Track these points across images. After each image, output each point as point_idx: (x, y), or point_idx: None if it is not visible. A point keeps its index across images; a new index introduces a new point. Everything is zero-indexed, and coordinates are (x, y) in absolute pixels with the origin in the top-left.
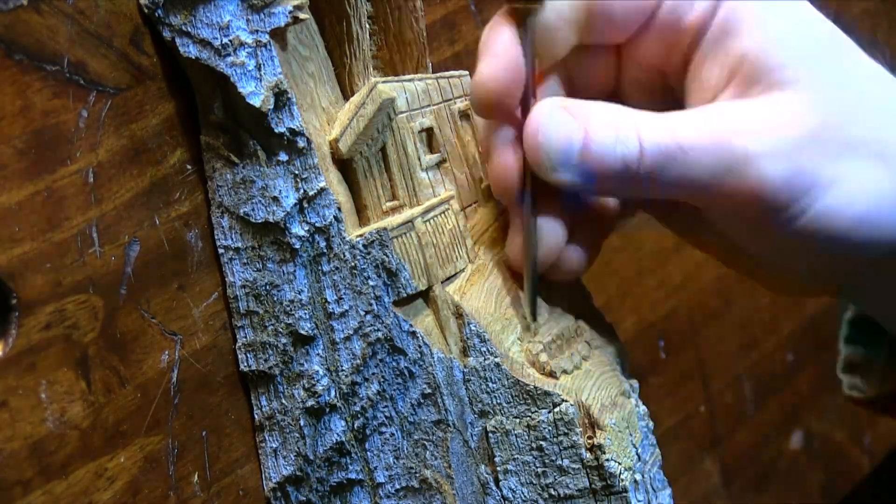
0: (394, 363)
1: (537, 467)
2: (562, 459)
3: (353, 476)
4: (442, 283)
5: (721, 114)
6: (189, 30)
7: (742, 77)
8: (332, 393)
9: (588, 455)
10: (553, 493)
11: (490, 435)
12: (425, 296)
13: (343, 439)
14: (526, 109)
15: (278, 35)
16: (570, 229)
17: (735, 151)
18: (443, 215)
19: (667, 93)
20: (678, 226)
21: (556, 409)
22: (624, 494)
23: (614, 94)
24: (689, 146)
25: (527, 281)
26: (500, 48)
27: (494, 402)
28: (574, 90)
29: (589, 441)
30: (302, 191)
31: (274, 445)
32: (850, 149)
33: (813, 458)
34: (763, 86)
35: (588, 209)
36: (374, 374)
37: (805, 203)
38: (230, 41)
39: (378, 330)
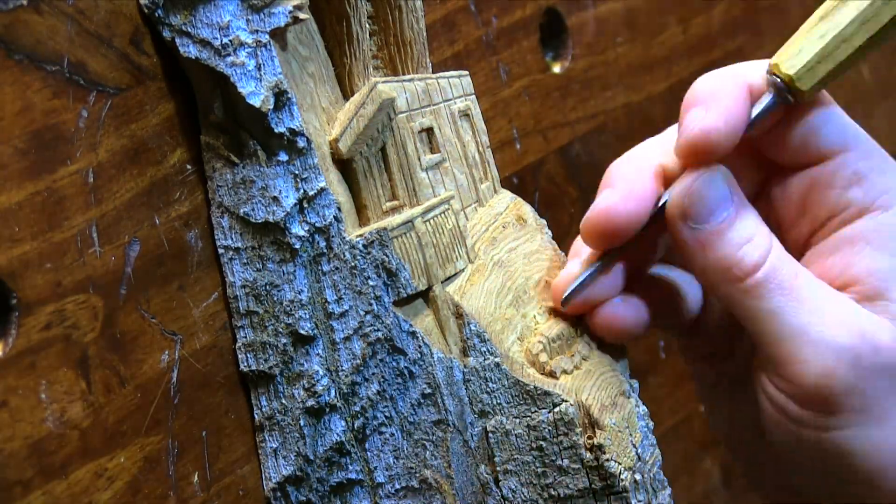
0: (394, 363)
1: (537, 467)
2: (562, 459)
3: (353, 476)
4: (442, 283)
5: (837, 298)
6: (189, 30)
7: (864, 290)
8: (332, 393)
9: (588, 455)
10: (553, 493)
11: (490, 435)
12: (425, 296)
13: (343, 439)
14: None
15: (278, 35)
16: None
17: (827, 331)
18: (443, 215)
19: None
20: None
21: (556, 409)
22: (624, 494)
23: None
24: (799, 296)
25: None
26: (737, 98)
27: (494, 402)
28: None
29: (589, 441)
30: (302, 191)
31: (274, 445)
32: None
33: None
34: (877, 308)
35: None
36: (374, 374)
37: (850, 420)
38: (230, 41)
39: (378, 330)
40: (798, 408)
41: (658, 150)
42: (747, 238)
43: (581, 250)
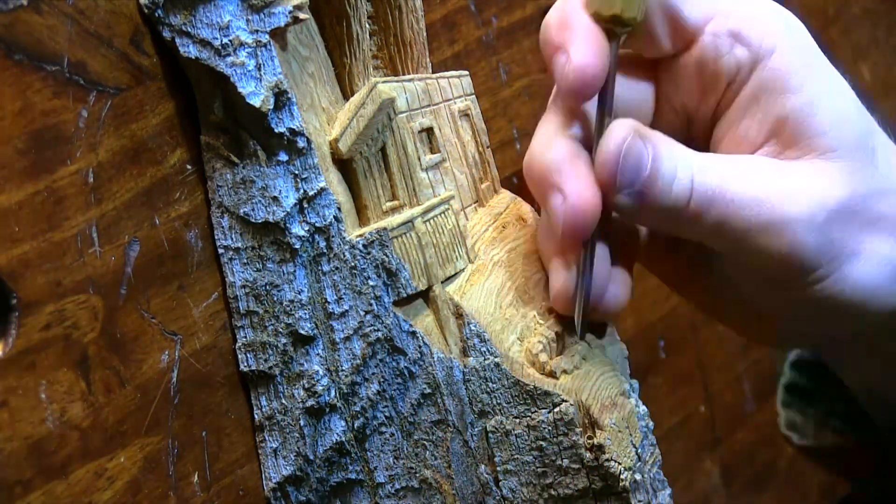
0: (394, 363)
1: (537, 467)
2: (562, 459)
3: (353, 476)
4: (442, 283)
5: (766, 170)
6: (189, 30)
7: (783, 137)
8: (332, 393)
9: (588, 455)
10: (553, 493)
11: (490, 435)
12: (425, 296)
13: (343, 439)
14: (601, 121)
15: (278, 35)
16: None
17: (774, 211)
18: (443, 215)
19: (689, 138)
20: (672, 276)
21: (556, 409)
22: (624, 495)
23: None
24: (734, 197)
25: (579, 305)
26: (592, 38)
27: (494, 402)
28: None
29: (589, 441)
30: (302, 191)
31: (274, 445)
32: (873, 223)
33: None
34: (802, 149)
35: (624, 248)
36: (374, 374)
37: (828, 270)
38: (230, 41)
39: (378, 330)
40: (778, 282)
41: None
42: (671, 176)
43: (557, 245)
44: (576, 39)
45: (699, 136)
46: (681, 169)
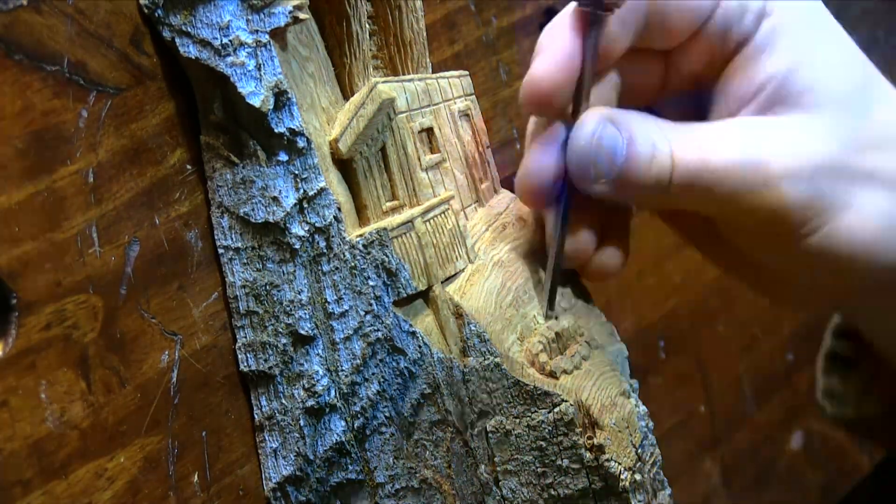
0: (394, 363)
1: (537, 467)
2: (562, 459)
3: (352, 476)
4: (442, 283)
5: (746, 132)
6: (189, 30)
7: (767, 95)
8: (332, 393)
9: (588, 455)
10: (553, 493)
11: (490, 435)
12: (425, 296)
13: (343, 439)
14: (577, 112)
15: (278, 35)
16: (603, 231)
17: (758, 172)
18: (443, 215)
19: (699, 104)
20: (690, 234)
21: (556, 409)
22: (624, 495)
23: (652, 103)
24: (716, 166)
25: (548, 278)
26: (558, 46)
27: (494, 402)
28: (620, 95)
29: (589, 441)
30: (302, 191)
31: (274, 445)
32: (865, 176)
33: (813, 458)
34: (787, 106)
35: (616, 210)
36: (374, 374)
37: (819, 223)
38: (230, 41)
39: (378, 330)
40: (771, 239)
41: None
42: (648, 157)
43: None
44: (544, 49)
45: (704, 106)
46: (659, 146)
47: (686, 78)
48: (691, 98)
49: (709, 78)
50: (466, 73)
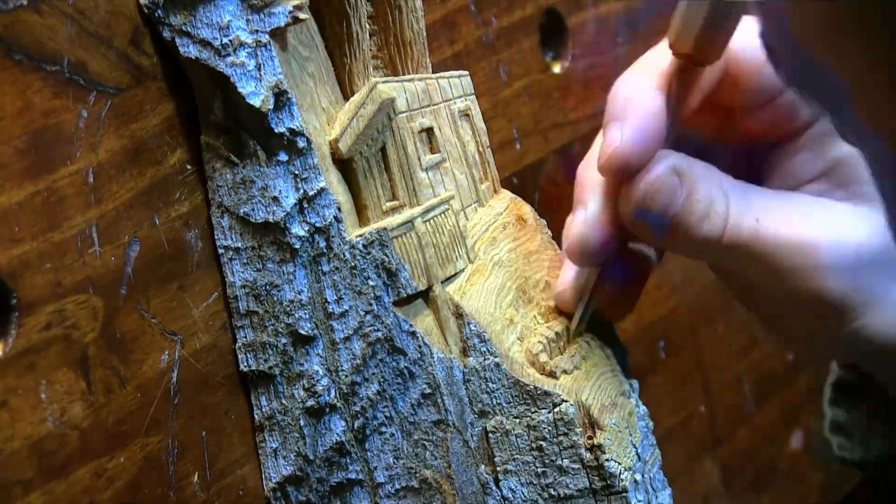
0: (394, 363)
1: (537, 467)
2: (562, 459)
3: (353, 476)
4: (442, 283)
5: (805, 211)
6: (189, 30)
7: (834, 178)
8: (332, 393)
9: (588, 455)
10: (553, 493)
11: (490, 435)
12: (425, 296)
13: (343, 439)
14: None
15: (278, 35)
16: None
17: (807, 255)
18: (443, 215)
19: (750, 163)
20: (728, 282)
21: (556, 409)
22: (624, 494)
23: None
24: (768, 239)
25: (581, 312)
26: (645, 110)
27: (494, 402)
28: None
29: (589, 441)
30: (302, 191)
31: (274, 445)
32: None
33: (813, 458)
34: (850, 193)
35: (639, 265)
36: (374, 374)
37: (856, 315)
38: (230, 41)
39: (378, 330)
40: (809, 319)
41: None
42: (704, 213)
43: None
44: (628, 114)
45: (757, 161)
46: (716, 206)
47: (743, 135)
48: (744, 154)
49: (767, 141)
50: (466, 73)
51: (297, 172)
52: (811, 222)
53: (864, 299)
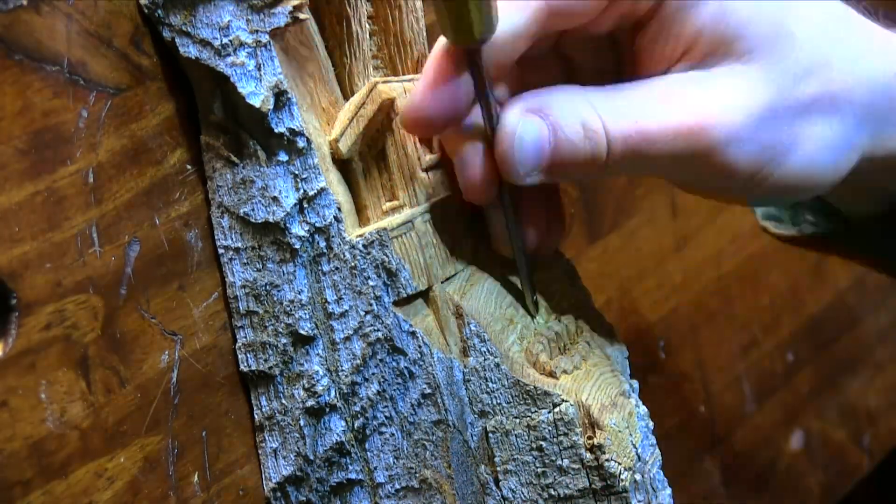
0: (394, 363)
1: (537, 467)
2: (562, 459)
3: (353, 476)
4: (442, 283)
5: (682, 92)
6: (189, 30)
7: (699, 49)
8: (332, 393)
9: (588, 455)
10: (553, 493)
11: (490, 435)
12: (425, 296)
13: (343, 439)
14: (491, 120)
15: (278, 35)
16: (538, 206)
17: (700, 139)
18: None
19: (615, 62)
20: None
21: (556, 409)
22: (624, 494)
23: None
24: (655, 136)
25: (523, 275)
26: (436, 75)
27: (494, 402)
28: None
29: (589, 441)
30: (302, 191)
31: (274, 445)
32: (804, 110)
33: (813, 458)
34: (719, 57)
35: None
36: (374, 374)
37: (768, 172)
38: (230, 41)
39: (378, 330)
40: (726, 190)
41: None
42: (580, 136)
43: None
44: (423, 77)
45: (625, 46)
46: (589, 124)
47: (597, 40)
48: (608, 57)
49: (623, 37)
50: None
51: (297, 172)
52: (692, 102)
53: (773, 154)
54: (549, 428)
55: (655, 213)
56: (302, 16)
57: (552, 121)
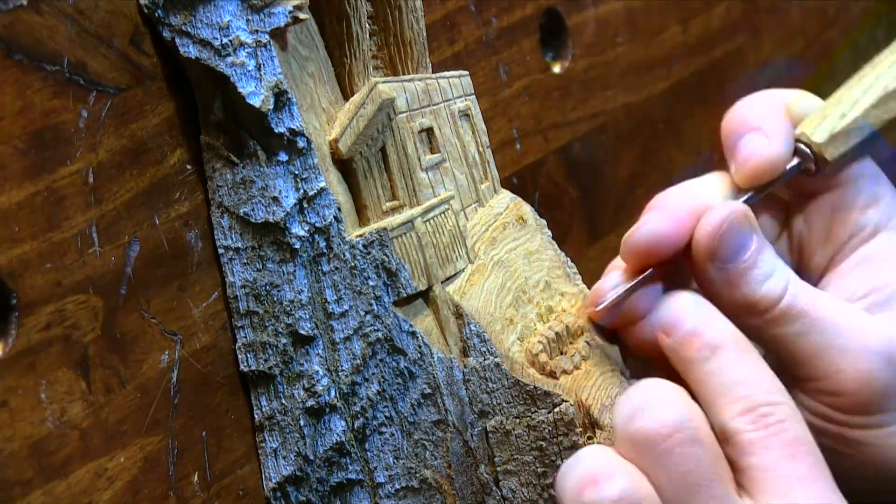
0: (394, 363)
1: (537, 467)
2: (562, 459)
3: (353, 476)
4: (442, 283)
5: (855, 312)
6: (189, 30)
7: (880, 297)
8: (332, 393)
9: None
10: (553, 493)
11: (490, 435)
12: (425, 296)
13: (343, 439)
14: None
15: (278, 35)
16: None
17: (857, 340)
18: (443, 215)
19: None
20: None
21: (556, 409)
22: None
23: None
24: (821, 317)
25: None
26: (787, 131)
27: (494, 403)
28: None
29: (589, 441)
30: (302, 191)
31: (274, 445)
32: None
33: None
34: (887, 311)
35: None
36: (374, 374)
37: (889, 420)
38: (230, 41)
39: (378, 330)
40: (842, 414)
41: (702, 188)
42: (767, 274)
43: (618, 266)
44: (774, 129)
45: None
46: (778, 274)
47: (795, 250)
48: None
49: (816, 261)
50: (466, 73)
51: (297, 172)
52: (863, 319)
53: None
54: (549, 428)
55: None
56: (302, 16)
57: (758, 244)
